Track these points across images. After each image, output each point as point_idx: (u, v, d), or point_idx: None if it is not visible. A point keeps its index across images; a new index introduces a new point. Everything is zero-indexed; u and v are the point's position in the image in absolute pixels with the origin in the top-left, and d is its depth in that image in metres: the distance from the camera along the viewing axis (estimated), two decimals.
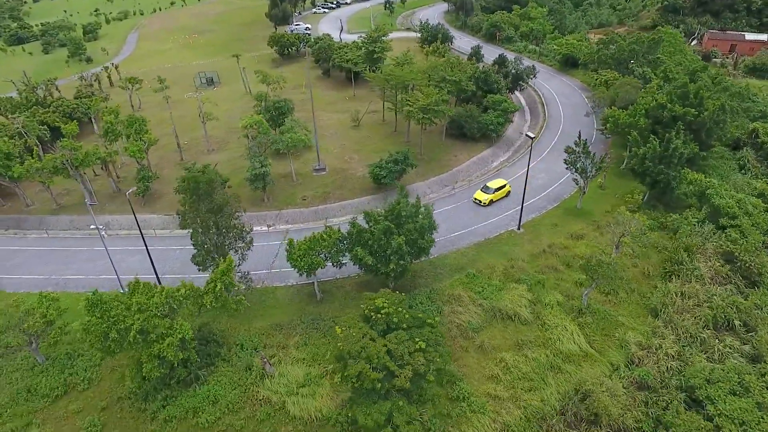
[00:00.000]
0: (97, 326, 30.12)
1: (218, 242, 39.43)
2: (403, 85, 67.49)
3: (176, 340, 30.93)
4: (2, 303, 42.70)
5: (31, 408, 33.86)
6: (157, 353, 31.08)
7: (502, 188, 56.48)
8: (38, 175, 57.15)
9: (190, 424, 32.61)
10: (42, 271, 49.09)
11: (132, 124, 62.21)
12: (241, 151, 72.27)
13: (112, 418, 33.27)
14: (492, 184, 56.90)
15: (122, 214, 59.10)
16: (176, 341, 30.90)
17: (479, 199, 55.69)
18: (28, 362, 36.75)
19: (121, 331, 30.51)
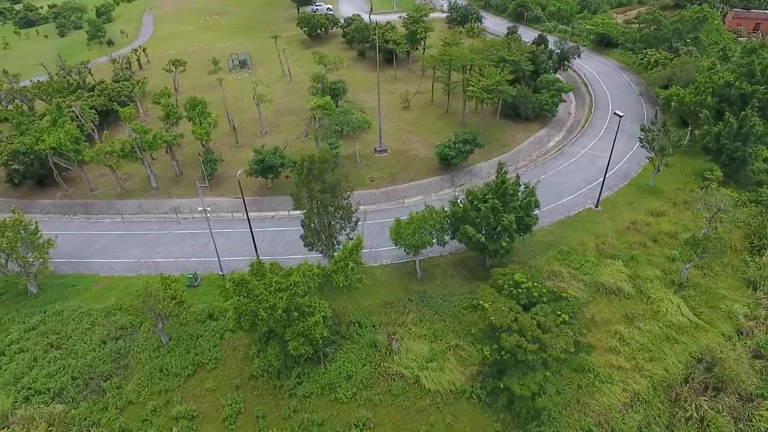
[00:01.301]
0: (247, 305, 30.50)
1: (327, 222, 39.73)
2: (461, 65, 67.36)
3: (321, 318, 31.46)
4: (107, 285, 43.14)
5: (166, 386, 34.35)
6: (300, 331, 31.60)
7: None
8: (107, 159, 56.70)
9: (328, 400, 33.36)
10: (129, 254, 49.10)
11: (195, 107, 61.66)
12: (295, 132, 72.17)
13: (249, 395, 33.88)
14: None
15: (190, 198, 58.97)
16: (321, 319, 31.43)
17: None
18: (151, 343, 37.11)
19: (268, 309, 30.93)
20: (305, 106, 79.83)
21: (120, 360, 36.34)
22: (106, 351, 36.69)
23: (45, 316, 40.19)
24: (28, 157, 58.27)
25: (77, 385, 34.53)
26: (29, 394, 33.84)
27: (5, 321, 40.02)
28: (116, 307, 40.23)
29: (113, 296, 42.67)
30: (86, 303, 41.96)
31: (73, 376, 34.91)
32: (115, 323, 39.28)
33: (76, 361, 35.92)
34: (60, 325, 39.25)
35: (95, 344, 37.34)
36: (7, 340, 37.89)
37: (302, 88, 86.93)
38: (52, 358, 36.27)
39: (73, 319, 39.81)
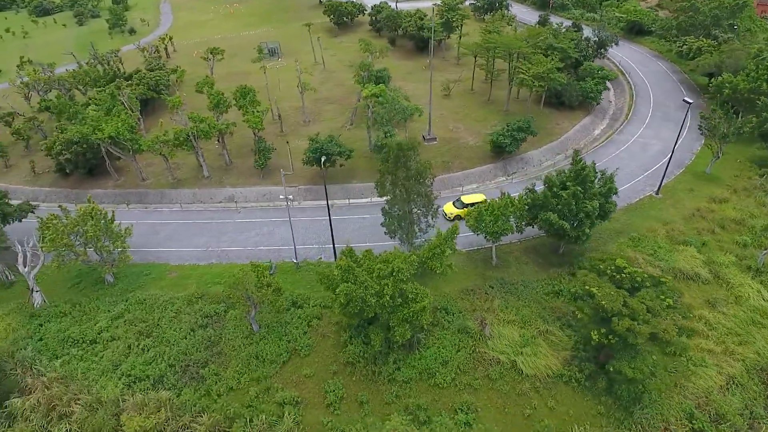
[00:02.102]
0: (356, 292, 30.68)
1: (409, 210, 39.85)
2: (508, 52, 67.12)
3: (427, 304, 31.70)
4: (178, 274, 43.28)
5: (264, 373, 34.63)
6: (405, 317, 31.86)
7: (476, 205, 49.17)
8: (162, 148, 56.49)
9: (427, 385, 33.75)
10: (195, 243, 49.15)
11: (245, 95, 61.33)
12: (338, 121, 71.97)
13: (348, 381, 34.20)
14: (466, 198, 50.66)
15: (244, 187, 58.95)
16: (427, 305, 31.68)
17: (445, 211, 50.10)
18: (242, 331, 37.32)
19: (375, 296, 31.13)
20: (345, 94, 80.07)
21: (212, 347, 36.54)
22: (198, 338, 36.87)
23: (128, 305, 40.28)
24: (81, 146, 58.03)
25: (175, 372, 34.76)
26: (130, 381, 34.06)
27: (90, 310, 40.09)
28: (199, 295, 40.69)
29: (192, 284, 42.79)
30: (164, 291, 42.04)
31: (169, 363, 35.11)
32: (199, 311, 39.43)
33: (170, 349, 36.10)
34: (145, 314, 39.36)
35: (185, 332, 37.50)
36: (96, 328, 38.00)
37: (337, 77, 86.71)
38: (145, 346, 36.44)
39: (157, 307, 39.91)
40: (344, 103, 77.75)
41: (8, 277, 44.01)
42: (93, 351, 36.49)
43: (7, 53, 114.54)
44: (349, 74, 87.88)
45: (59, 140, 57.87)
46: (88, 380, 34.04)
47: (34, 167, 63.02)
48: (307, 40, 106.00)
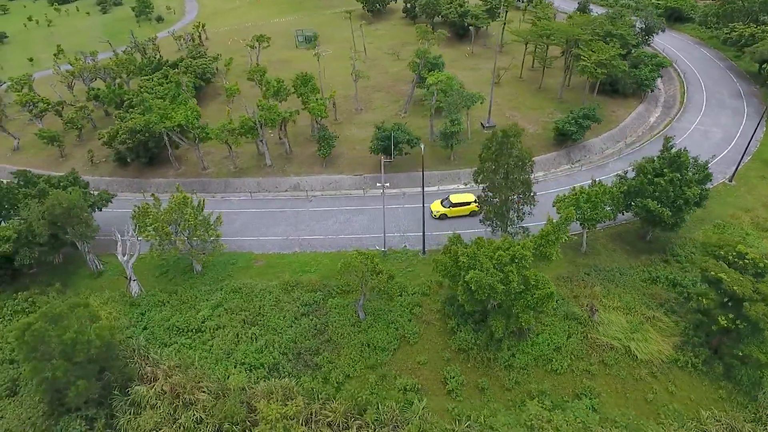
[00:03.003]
0: (484, 279, 30.66)
1: (506, 197, 39.73)
2: (565, 39, 66.62)
3: (553, 290, 31.75)
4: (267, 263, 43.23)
5: (377, 361, 34.71)
6: (530, 304, 31.90)
7: (465, 205, 48.83)
8: (228, 137, 56.06)
9: (544, 371, 33.93)
10: (274, 232, 49.01)
11: (306, 83, 60.77)
12: (390, 109, 71.53)
13: (463, 367, 34.33)
14: (453, 198, 49.69)
15: (308, 175, 58.66)
16: (554, 291, 31.73)
17: (432, 209, 49.82)
18: (348, 319, 37.31)
19: (501, 283, 31.11)
20: (391, 82, 79.49)
21: (319, 335, 36.55)
22: (304, 326, 36.88)
23: (225, 294, 40.19)
24: (144, 135, 57.55)
25: (289, 360, 34.80)
26: (244, 369, 34.07)
27: (188, 299, 39.99)
28: (293, 284, 40.63)
29: (282, 273, 42.69)
30: (255, 280, 41.93)
31: (281, 351, 35.12)
32: (298, 299, 39.41)
33: (279, 337, 36.11)
34: (244, 302, 39.30)
35: (289, 320, 37.50)
36: (199, 317, 37.92)
37: (380, 65, 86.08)
38: (253, 334, 36.41)
39: (254, 296, 39.83)
40: (392, 90, 77.29)
41: (97, 267, 43.83)
42: (201, 339, 36.47)
43: (34, 42, 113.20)
44: (391, 62, 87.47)
45: (122, 129, 57.33)
46: (203, 368, 34.01)
47: (92, 157, 62.47)
48: (339, 28, 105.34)
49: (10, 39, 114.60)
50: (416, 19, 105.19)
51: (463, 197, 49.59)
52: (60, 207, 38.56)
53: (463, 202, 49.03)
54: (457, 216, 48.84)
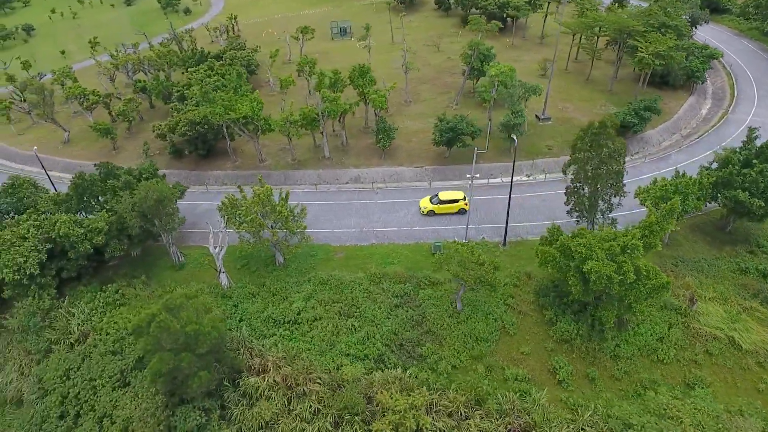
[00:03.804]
0: (602, 269, 30.61)
1: (598, 188, 39.61)
2: (619, 30, 66.27)
3: (668, 280, 31.75)
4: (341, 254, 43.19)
5: (481, 351, 34.73)
6: (642, 294, 31.92)
7: (453, 202, 48.67)
8: (290, 128, 55.76)
9: (649, 361, 34.03)
10: (346, 224, 48.85)
11: (364, 74, 60.37)
12: (438, 101, 71.19)
13: (570, 358, 34.39)
14: (443, 195, 49.30)
15: (367, 167, 58.45)
16: (669, 282, 31.73)
17: (420, 205, 49.94)
18: (445, 310, 37.27)
19: (617, 273, 31.08)
20: (436, 73, 79.06)
21: (418, 327, 36.50)
22: (401, 318, 36.82)
23: (314, 286, 40.08)
24: (203, 126, 57.26)
25: (392, 351, 34.79)
26: (350, 360, 34.05)
27: (278, 290, 39.87)
28: (380, 275, 40.53)
29: (367, 265, 42.47)
30: (340, 272, 41.75)
31: (384, 342, 35.09)
32: (388, 291, 39.34)
33: (378, 328, 36.05)
34: (334, 294, 39.19)
35: (385, 311, 37.43)
36: (294, 309, 37.84)
37: (420, 56, 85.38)
38: (352, 326, 36.35)
39: (345, 287, 39.71)
40: (437, 82, 76.93)
41: (179, 259, 43.67)
42: (300, 331, 36.38)
43: (61, 35, 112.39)
44: (431, 53, 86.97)
45: (182, 121, 57.00)
46: (309, 360, 33.97)
47: (148, 149, 62.10)
48: (370, 20, 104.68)
49: (37, 31, 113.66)
50: (449, 11, 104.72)
51: (452, 195, 49.36)
52: (151, 199, 38.34)
53: (452, 200, 48.88)
54: (445, 213, 48.71)
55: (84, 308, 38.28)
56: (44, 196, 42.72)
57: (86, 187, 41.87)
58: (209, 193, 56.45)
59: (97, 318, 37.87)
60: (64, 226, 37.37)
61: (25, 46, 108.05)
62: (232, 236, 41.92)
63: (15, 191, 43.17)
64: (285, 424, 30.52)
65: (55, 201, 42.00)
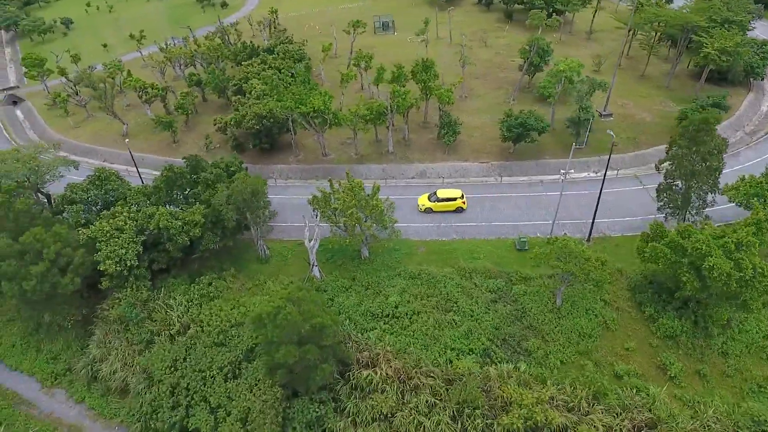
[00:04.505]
0: (725, 266, 30.43)
1: (692, 185, 39.38)
2: (681, 26, 65.65)
3: None
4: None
5: (586, 347, 34.70)
6: (759, 291, 31.73)
7: (451, 200, 48.69)
8: (358, 123, 55.69)
9: (759, 358, 33.86)
10: (423, 219, 48.73)
11: (427, 69, 60.16)
12: (494, 96, 70.86)
13: (677, 354, 34.36)
14: (441, 193, 49.58)
15: (433, 162, 58.35)
16: None
17: (418, 202, 50.00)
18: (546, 306, 37.21)
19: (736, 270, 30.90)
20: (487, 68, 78.57)
21: (518, 322, 36.50)
22: (501, 313, 36.82)
23: (405, 280, 40.11)
24: (269, 120, 57.29)
25: (497, 346, 34.81)
26: (455, 355, 34.09)
27: (371, 284, 39.96)
28: (469, 270, 40.49)
29: (456, 259, 42.48)
30: (429, 266, 41.75)
31: (487, 337, 35.11)
32: (481, 286, 39.33)
33: (479, 323, 36.07)
34: (428, 289, 39.23)
35: (482, 306, 37.43)
36: (390, 303, 37.88)
37: (469, 51, 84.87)
38: (452, 320, 36.38)
39: (437, 282, 39.73)
40: (489, 78, 76.50)
41: (265, 252, 43.81)
42: (400, 325, 36.45)
43: (100, 28, 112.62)
44: (478, 48, 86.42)
45: (249, 114, 57.05)
46: (416, 354, 34.02)
47: (210, 142, 62.24)
48: (410, 14, 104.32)
49: (75, 25, 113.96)
50: (490, 5, 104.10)
51: (450, 193, 49.44)
52: (246, 192, 38.44)
53: (450, 198, 48.84)
54: (442, 211, 48.45)
55: (181, 300, 38.50)
56: (133, 189, 42.90)
57: (175, 179, 42.02)
58: (276, 186, 56.49)
59: (194, 310, 38.09)
60: (163, 219, 37.56)
61: (65, 39, 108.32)
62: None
63: (102, 183, 43.37)
64: (402, 417, 30.63)
65: (144, 193, 42.19)
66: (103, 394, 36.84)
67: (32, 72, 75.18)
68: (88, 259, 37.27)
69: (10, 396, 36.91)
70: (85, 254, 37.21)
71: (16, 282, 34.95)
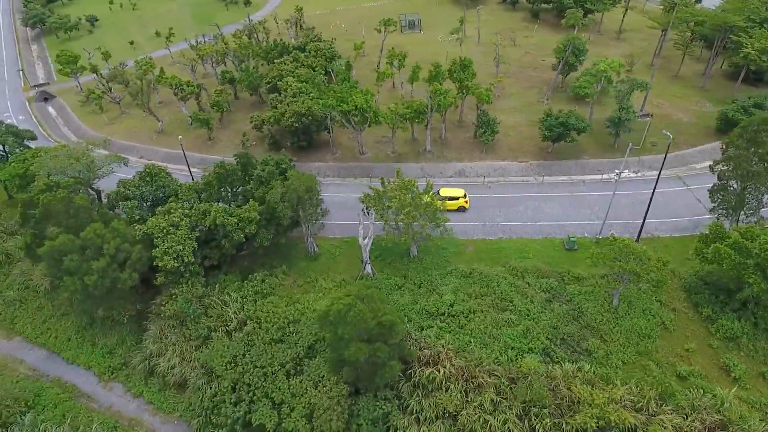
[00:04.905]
0: None
1: (747, 186, 39.14)
2: (720, 26, 65.25)
3: None
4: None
5: (645, 347, 34.62)
6: None
7: (454, 199, 48.71)
8: (398, 121, 55.75)
9: None
10: (467, 217, 48.73)
11: (465, 68, 60.12)
12: (527, 95, 70.72)
13: (738, 356, 34.19)
14: (444, 192, 49.27)
15: (471, 161, 58.32)
16: None
17: None
18: (603, 306, 37.10)
19: None
20: (517, 68, 78.34)
21: (575, 322, 36.42)
22: (558, 312, 36.78)
23: (457, 279, 40.15)
24: (307, 118, 57.41)
25: (557, 345, 34.77)
26: (515, 354, 34.09)
27: (423, 282, 40.02)
28: (521, 270, 40.48)
29: (507, 258, 42.53)
30: (479, 265, 41.77)
31: (546, 336, 35.08)
32: (534, 285, 39.30)
33: (536, 323, 36.05)
34: (481, 287, 39.25)
35: (538, 306, 37.40)
36: (445, 301, 37.93)
37: (493, 51, 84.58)
38: (509, 319, 36.38)
39: (490, 281, 39.73)
40: (521, 77, 76.30)
41: (314, 250, 43.94)
42: (457, 323, 36.50)
43: (125, 26, 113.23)
44: (508, 47, 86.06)
45: (288, 111, 57.20)
46: (476, 352, 34.05)
47: (247, 140, 62.47)
48: (434, 13, 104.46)
49: (100, 22, 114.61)
50: (516, 5, 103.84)
51: (453, 192, 49.53)
52: (301, 189, 38.57)
53: (453, 197, 48.83)
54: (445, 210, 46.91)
55: (236, 297, 38.69)
56: (184, 185, 43.13)
57: (226, 176, 42.21)
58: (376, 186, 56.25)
59: (249, 306, 38.27)
60: (219, 216, 37.76)
61: (90, 36, 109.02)
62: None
63: (152, 180, 43.63)
64: (467, 415, 30.67)
65: (195, 190, 42.42)
66: (160, 388, 37.07)
67: (66, 69, 75.62)
68: (145, 254, 37.55)
69: (70, 389, 37.24)
70: (141, 250, 37.48)
71: (78, 276, 35.25)
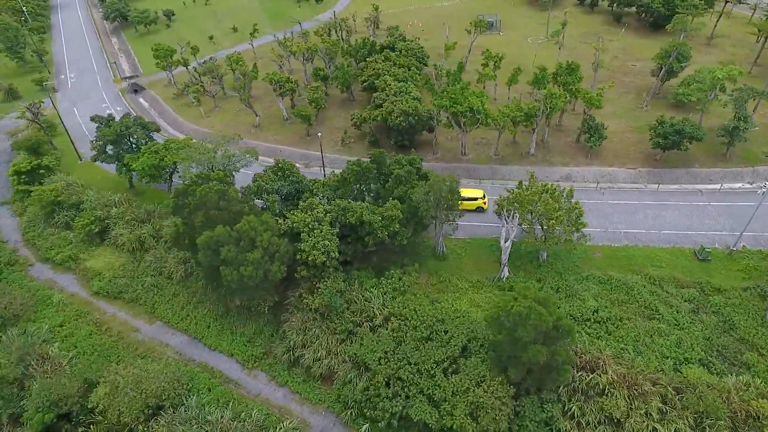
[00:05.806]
0: None
1: None
2: None
3: None
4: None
5: None
6: None
7: (472, 200, 48.93)
8: (509, 123, 55.63)
9: None
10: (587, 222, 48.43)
11: (572, 72, 59.66)
12: (625, 100, 69.72)
13: None
14: (463, 192, 47.43)
15: (578, 166, 57.78)
16: None
17: None
18: (756, 320, 36.48)
19: None
20: (609, 72, 77.16)
21: (725, 334, 35.90)
22: (708, 324, 36.37)
23: (594, 285, 39.99)
24: (413, 117, 57.76)
25: (713, 357, 34.34)
26: (673, 363, 33.81)
27: (561, 288, 40.02)
28: (658, 278, 40.04)
29: (635, 265, 42.28)
30: (604, 271, 41.63)
31: (701, 348, 34.68)
32: (676, 295, 38.86)
33: (688, 333, 35.66)
34: (622, 295, 39.13)
35: (685, 317, 36.99)
36: (588, 307, 37.84)
37: (580, 54, 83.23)
38: (657, 329, 36.06)
39: (630, 289, 39.51)
40: (615, 82, 75.02)
41: (442, 249, 44.30)
42: (605, 329, 36.36)
43: (200, 21, 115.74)
44: (592, 51, 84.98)
45: (396, 110, 57.66)
46: (633, 359, 33.89)
47: (349, 137, 63.24)
48: (510, 13, 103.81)
49: (176, 17, 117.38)
50: (595, 7, 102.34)
51: (471, 192, 49.95)
52: (445, 190, 38.92)
53: (471, 197, 49.13)
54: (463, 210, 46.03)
55: (377, 293, 39.30)
56: (318, 182, 43.96)
57: (362, 174, 42.87)
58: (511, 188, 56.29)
59: (389, 303, 38.82)
60: (366, 213, 38.38)
61: (168, 31, 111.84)
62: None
63: (284, 174, 44.60)
64: (634, 422, 30.55)
65: (330, 186, 43.21)
66: (304, 379, 37.90)
67: (162, 63, 77.78)
68: (291, 248, 38.46)
69: (218, 374, 38.40)
70: (288, 243, 38.40)
71: (234, 267, 36.32)
